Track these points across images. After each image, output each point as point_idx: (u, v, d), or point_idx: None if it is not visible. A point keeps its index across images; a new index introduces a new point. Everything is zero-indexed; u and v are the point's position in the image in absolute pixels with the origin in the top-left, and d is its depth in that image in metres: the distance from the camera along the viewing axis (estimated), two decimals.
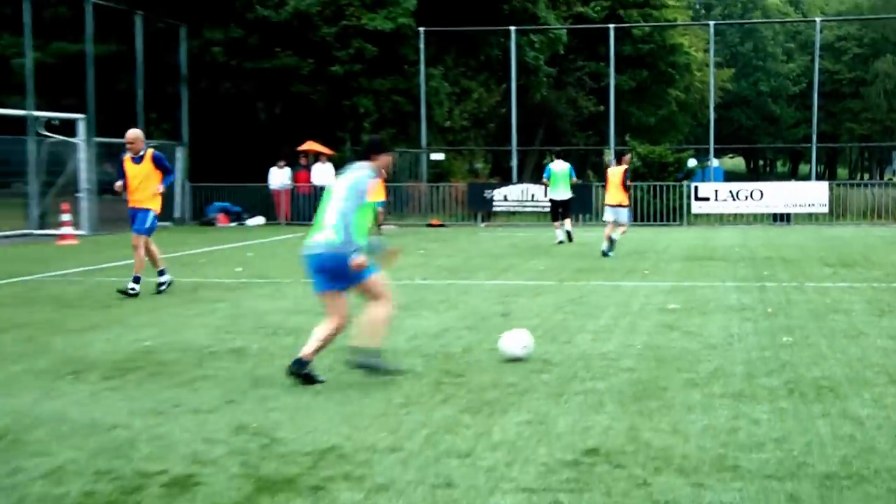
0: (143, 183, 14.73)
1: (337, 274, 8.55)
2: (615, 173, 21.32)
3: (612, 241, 20.75)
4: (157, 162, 14.83)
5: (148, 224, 14.77)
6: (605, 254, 20.52)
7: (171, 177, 15.46)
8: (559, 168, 24.98)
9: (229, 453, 6.55)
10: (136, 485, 5.94)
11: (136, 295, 14.32)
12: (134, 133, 15.01)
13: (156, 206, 14.96)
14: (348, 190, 8.68)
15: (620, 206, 21.11)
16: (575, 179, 25.97)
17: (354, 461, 6.33)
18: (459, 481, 5.94)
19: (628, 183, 21.37)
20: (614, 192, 21.14)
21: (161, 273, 14.94)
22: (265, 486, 5.87)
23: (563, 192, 24.74)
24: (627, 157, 22.63)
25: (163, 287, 14.86)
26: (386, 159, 9.20)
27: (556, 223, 24.77)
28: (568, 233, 24.43)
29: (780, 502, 5.61)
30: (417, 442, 6.76)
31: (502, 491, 5.76)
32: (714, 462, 6.31)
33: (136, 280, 14.51)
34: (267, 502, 5.61)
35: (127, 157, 14.86)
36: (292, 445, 6.72)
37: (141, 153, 14.75)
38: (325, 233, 8.65)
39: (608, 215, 21.26)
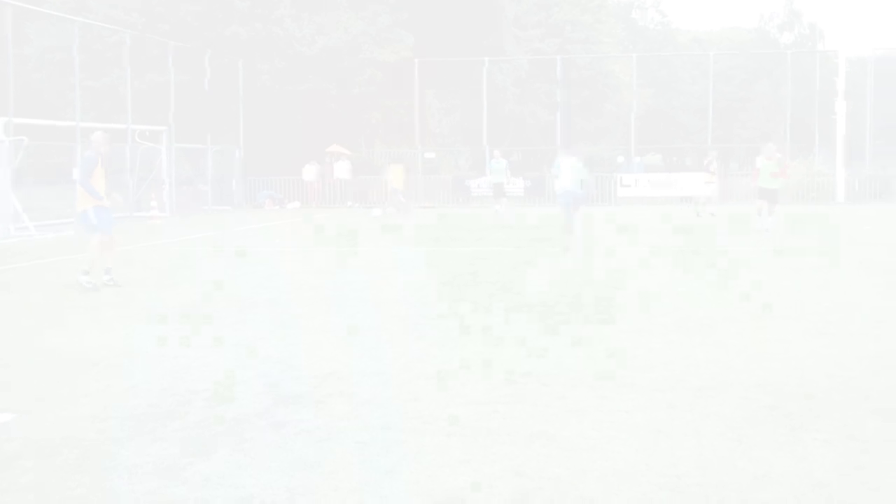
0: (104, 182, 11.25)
1: (578, 200, 14.68)
2: (705, 166, 25.20)
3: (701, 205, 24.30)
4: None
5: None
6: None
7: None
8: (498, 161, 26.01)
9: (257, 376, 6.55)
10: (187, 399, 5.95)
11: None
12: (106, 136, 11.41)
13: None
14: (577, 166, 14.74)
15: (709, 183, 25.01)
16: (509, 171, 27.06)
17: (348, 382, 6.33)
18: (425, 397, 5.94)
19: (711, 170, 24.75)
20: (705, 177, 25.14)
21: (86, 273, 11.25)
22: (281, 400, 5.88)
23: (502, 178, 25.67)
24: (713, 153, 25.94)
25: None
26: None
27: (498, 200, 25.70)
28: (502, 209, 25.39)
29: (662, 408, 5.63)
30: (396, 368, 6.76)
31: (456, 403, 5.77)
32: (617, 379, 6.31)
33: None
34: (282, 412, 5.61)
35: (99, 157, 11.19)
36: (303, 370, 6.71)
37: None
38: (572, 182, 14.66)
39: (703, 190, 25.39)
